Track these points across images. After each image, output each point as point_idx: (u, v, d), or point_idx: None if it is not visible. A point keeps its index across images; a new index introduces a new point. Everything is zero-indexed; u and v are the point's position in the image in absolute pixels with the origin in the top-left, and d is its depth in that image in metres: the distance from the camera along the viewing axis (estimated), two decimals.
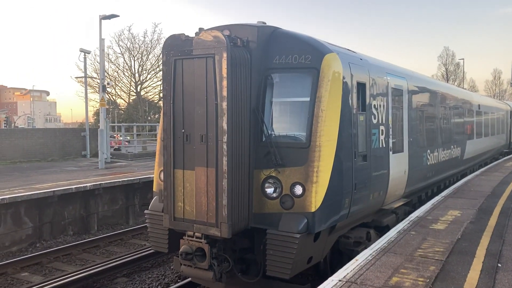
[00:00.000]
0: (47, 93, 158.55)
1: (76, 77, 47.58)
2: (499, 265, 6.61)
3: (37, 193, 13.23)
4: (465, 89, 35.36)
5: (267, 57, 7.61)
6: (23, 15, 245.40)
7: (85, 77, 29.58)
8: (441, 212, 10.20)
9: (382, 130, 9.23)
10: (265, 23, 8.14)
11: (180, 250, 7.32)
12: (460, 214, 10.02)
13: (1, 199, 12.26)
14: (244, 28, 7.66)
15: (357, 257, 6.96)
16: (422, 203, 12.12)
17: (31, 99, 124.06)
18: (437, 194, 13.14)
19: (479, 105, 20.34)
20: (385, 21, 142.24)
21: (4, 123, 69.63)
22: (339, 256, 8.58)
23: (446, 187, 14.63)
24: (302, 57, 7.43)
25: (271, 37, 7.71)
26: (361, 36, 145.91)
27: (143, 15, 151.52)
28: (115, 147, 31.10)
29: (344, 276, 6.08)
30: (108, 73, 46.91)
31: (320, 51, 7.49)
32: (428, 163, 12.49)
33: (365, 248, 7.70)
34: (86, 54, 27.01)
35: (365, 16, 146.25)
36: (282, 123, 7.73)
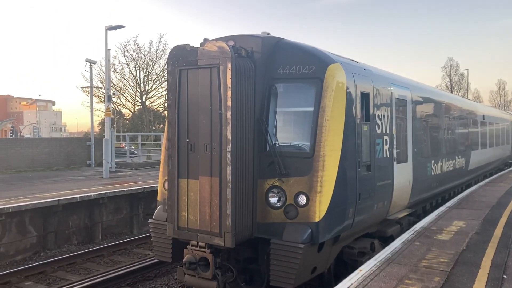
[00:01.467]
0: (53, 103, 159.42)
1: (82, 87, 47.78)
2: (505, 276, 6.57)
3: (41, 202, 13.28)
4: (469, 99, 35.30)
5: (271, 67, 7.66)
6: (29, 25, 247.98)
7: (91, 87, 29.75)
8: (446, 223, 10.15)
9: (386, 140, 9.24)
10: (269, 34, 8.21)
11: (184, 259, 7.31)
12: (465, 224, 9.96)
13: (6, 208, 12.31)
14: (249, 38, 7.73)
15: (361, 268, 6.93)
16: (426, 213, 12.07)
17: (37, 108, 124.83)
18: (441, 204, 13.08)
19: (483, 115, 20.29)
20: (389, 31, 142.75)
21: (10, 133, 69.98)
22: (343, 266, 8.53)
23: (450, 198, 14.56)
24: (306, 67, 7.48)
25: (275, 48, 7.77)
26: (365, 46, 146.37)
27: (148, 26, 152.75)
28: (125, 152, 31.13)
29: (348, 287, 6.05)
30: (113, 83, 47.17)
31: (323, 61, 7.54)
32: (433, 173, 12.45)
33: (369, 258, 7.66)
34: (92, 64, 27.20)
35: (368, 26, 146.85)
36: (286, 133, 7.76)
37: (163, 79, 49.64)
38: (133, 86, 51.74)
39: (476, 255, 7.64)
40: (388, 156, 9.33)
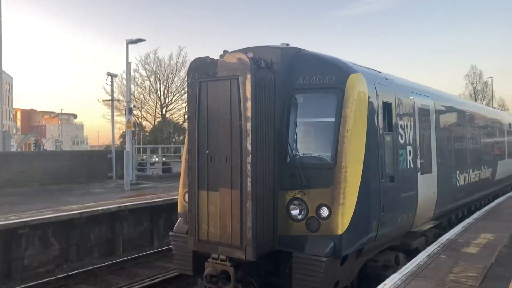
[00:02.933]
0: (75, 116, 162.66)
1: (103, 100, 48.64)
2: None
3: (64, 214, 13.40)
4: (494, 108, 34.61)
5: (291, 78, 7.60)
6: (53, 40, 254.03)
7: (112, 100, 30.19)
8: (473, 235, 9.85)
9: (409, 150, 9.05)
10: (289, 45, 8.17)
11: (205, 272, 7.24)
12: (493, 237, 9.65)
13: (30, 220, 12.45)
14: (268, 49, 7.70)
15: (385, 282, 6.73)
16: (452, 225, 11.75)
17: (59, 122, 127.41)
18: (467, 216, 12.73)
19: (510, 124, 19.83)
20: (410, 40, 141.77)
21: (34, 146, 71.46)
22: (367, 280, 8.33)
23: (477, 209, 14.18)
24: (326, 77, 7.40)
25: (294, 58, 7.72)
26: (386, 56, 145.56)
27: (169, 39, 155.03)
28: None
29: None
30: (134, 96, 47.85)
31: (344, 71, 7.45)
32: (458, 184, 12.16)
33: (394, 272, 7.45)
34: (113, 77, 27.62)
35: (389, 36, 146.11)
36: (307, 144, 7.67)
37: (183, 91, 50.21)
38: (153, 99, 52.47)
39: (506, 269, 7.36)
40: (412, 167, 9.13)
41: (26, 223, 12.31)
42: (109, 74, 26.89)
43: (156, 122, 55.51)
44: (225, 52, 7.31)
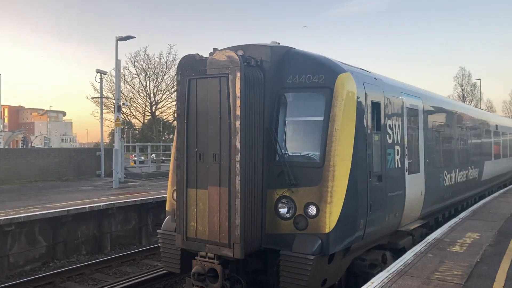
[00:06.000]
0: (64, 114, 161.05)
1: (92, 98, 48.16)
2: None
3: (51, 212, 13.28)
4: (482, 109, 34.97)
5: (281, 77, 7.61)
6: (40, 36, 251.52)
7: (101, 97, 29.98)
8: (459, 235, 9.96)
9: (397, 150, 9.11)
10: (279, 43, 8.18)
11: (193, 270, 7.24)
12: (479, 236, 9.76)
13: (16, 217, 12.32)
14: (258, 48, 7.70)
15: (372, 280, 6.78)
16: (439, 225, 11.87)
17: (48, 119, 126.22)
18: (454, 216, 12.86)
19: (496, 125, 20.05)
20: (399, 41, 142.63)
21: (22, 143, 70.68)
22: (354, 278, 8.38)
23: (463, 209, 14.33)
24: (315, 76, 7.42)
25: (284, 57, 7.73)
26: (375, 56, 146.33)
27: (158, 36, 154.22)
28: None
29: None
30: (123, 94, 47.46)
31: (333, 70, 7.47)
32: (445, 184, 12.27)
33: (381, 270, 7.51)
34: (102, 74, 27.41)
35: (379, 36, 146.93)
36: (296, 143, 7.69)
37: (172, 89, 49.90)
38: (143, 97, 52.07)
39: (490, 267, 7.46)
40: (400, 166, 9.20)
41: (12, 221, 12.18)
42: (98, 71, 26.68)
43: (145, 120, 55.16)
44: (215, 49, 7.30)
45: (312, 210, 6.99)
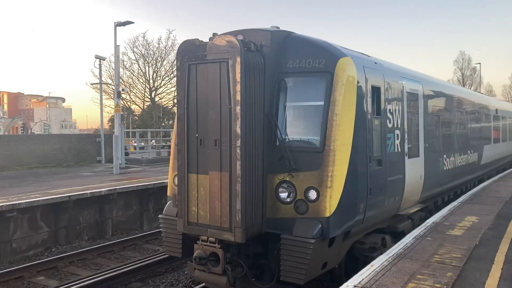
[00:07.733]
0: (63, 100, 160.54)
1: (92, 84, 48.10)
2: None
3: (53, 198, 13.36)
4: (482, 93, 34.89)
5: (281, 62, 7.59)
6: (40, 23, 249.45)
7: (100, 83, 29.89)
8: (458, 218, 10.03)
9: (397, 134, 9.13)
10: (279, 28, 8.13)
11: (194, 255, 7.30)
12: (477, 220, 9.84)
13: (18, 203, 12.40)
14: (258, 32, 7.66)
15: (372, 263, 6.86)
16: (438, 209, 11.95)
17: (47, 105, 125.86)
18: (453, 199, 12.93)
19: (496, 109, 20.04)
20: (400, 25, 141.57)
21: (21, 129, 70.67)
22: (354, 262, 8.47)
23: (463, 193, 14.40)
24: (316, 61, 7.40)
25: (284, 42, 7.70)
26: (376, 40, 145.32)
27: (157, 21, 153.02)
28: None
29: (359, 282, 5.99)
30: (123, 80, 47.30)
31: (334, 55, 7.45)
32: (445, 168, 12.32)
33: (381, 254, 7.59)
34: (101, 60, 27.29)
35: (379, 20, 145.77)
36: (296, 128, 7.70)
37: (172, 75, 49.75)
38: (142, 82, 51.94)
39: (489, 250, 7.53)
40: (400, 150, 9.23)
41: (14, 206, 12.26)
42: (97, 57, 26.56)
43: (145, 106, 55.07)
44: (215, 34, 7.26)
45: (313, 194, 7.03)
